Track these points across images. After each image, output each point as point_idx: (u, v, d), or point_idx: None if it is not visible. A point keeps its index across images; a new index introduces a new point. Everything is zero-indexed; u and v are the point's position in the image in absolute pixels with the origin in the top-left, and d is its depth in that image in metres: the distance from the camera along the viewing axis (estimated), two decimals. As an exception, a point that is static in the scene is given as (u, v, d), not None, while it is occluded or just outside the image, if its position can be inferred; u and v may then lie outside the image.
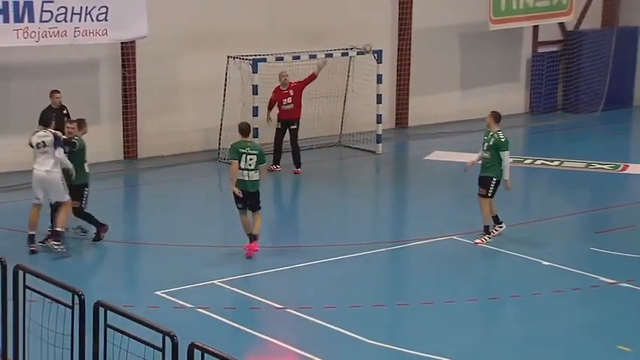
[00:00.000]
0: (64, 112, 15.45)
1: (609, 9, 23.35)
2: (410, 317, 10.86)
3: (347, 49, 18.82)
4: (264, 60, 17.72)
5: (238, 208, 12.58)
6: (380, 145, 19.07)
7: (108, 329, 7.08)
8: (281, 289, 11.79)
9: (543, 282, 11.86)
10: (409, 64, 21.07)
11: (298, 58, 18.10)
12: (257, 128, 17.69)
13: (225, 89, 18.16)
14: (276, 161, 17.70)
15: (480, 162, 13.32)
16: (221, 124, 18.38)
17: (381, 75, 18.91)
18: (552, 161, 18.21)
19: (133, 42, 17.59)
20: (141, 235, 13.85)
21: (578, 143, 20.10)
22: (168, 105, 18.53)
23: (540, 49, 22.93)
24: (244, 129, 12.51)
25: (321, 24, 19.55)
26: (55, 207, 12.61)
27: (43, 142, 12.37)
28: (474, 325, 10.71)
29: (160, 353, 6.61)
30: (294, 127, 17.49)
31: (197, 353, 6.31)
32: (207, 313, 10.73)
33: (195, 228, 14.13)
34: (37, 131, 12.50)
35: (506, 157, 13.02)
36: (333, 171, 18.31)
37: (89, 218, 13.03)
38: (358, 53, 18.81)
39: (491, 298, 11.35)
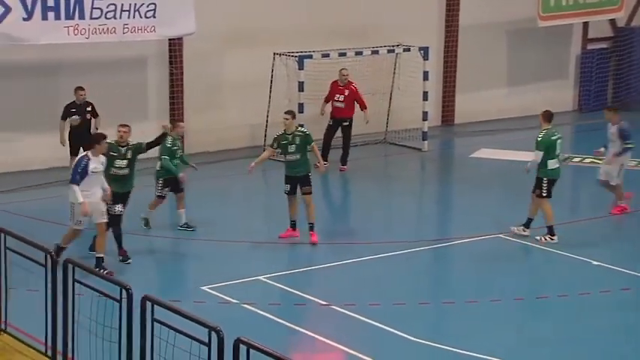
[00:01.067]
0: (89, 108, 15.66)
1: (661, 5, 22.99)
2: (455, 315, 10.82)
3: (393, 46, 18.78)
4: (310, 57, 17.76)
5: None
6: (426, 142, 19.00)
7: (155, 323, 7.17)
8: (326, 286, 11.82)
9: (592, 282, 11.73)
10: (456, 61, 20.95)
11: (344, 54, 18.11)
12: (302, 125, 17.72)
13: (271, 86, 18.24)
14: (324, 157, 17.76)
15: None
16: (267, 121, 18.48)
17: (427, 72, 18.83)
18: (601, 159, 17.94)
19: (180, 39, 17.74)
20: (189, 232, 13.94)
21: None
22: (214, 102, 18.67)
23: (590, 46, 22.63)
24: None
25: (366, 21, 19.53)
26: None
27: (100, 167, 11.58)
28: (519, 324, 10.63)
29: (206, 348, 6.68)
30: (347, 124, 17.52)
31: (242, 348, 6.37)
32: (253, 308, 10.80)
33: (241, 224, 14.22)
34: (89, 155, 11.49)
35: (535, 156, 13.04)
36: (379, 168, 18.29)
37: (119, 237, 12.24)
38: (404, 50, 18.77)
39: (538, 298, 11.26)
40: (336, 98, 17.53)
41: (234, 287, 11.49)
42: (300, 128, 13.23)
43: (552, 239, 12.98)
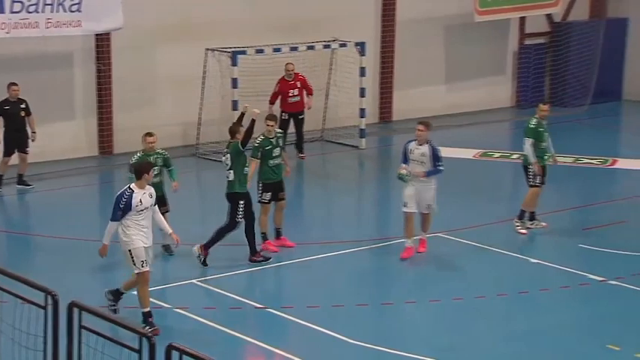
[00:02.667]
0: (22, 105, 15.39)
1: (597, 0, 23.46)
2: (394, 317, 10.87)
3: (329, 42, 18.81)
4: (244, 52, 17.68)
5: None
6: (363, 139, 19.08)
7: (83, 330, 7.03)
8: (262, 289, 11.78)
9: (531, 280, 11.91)
10: (393, 57, 21.08)
11: (279, 50, 18.08)
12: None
13: (203, 83, 18.11)
14: (300, 149, 17.95)
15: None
16: (199, 119, 18.34)
17: (364, 68, 18.91)
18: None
19: (107, 34, 17.50)
20: (118, 234, 13.71)
21: (566, 138, 20.13)
22: (144, 99, 18.45)
23: (527, 41, 22.99)
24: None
25: (302, 15, 19.52)
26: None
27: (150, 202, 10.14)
28: (459, 324, 10.74)
29: (137, 355, 6.57)
30: (302, 116, 17.86)
31: (175, 354, 6.28)
32: (186, 313, 10.70)
33: (174, 226, 14.04)
34: (137, 189, 10.02)
35: (526, 144, 13.39)
36: (316, 167, 18.30)
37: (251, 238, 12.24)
38: (341, 45, 18.83)
39: (477, 297, 11.38)
40: (290, 94, 17.62)
41: (167, 291, 11.37)
42: (278, 131, 12.98)
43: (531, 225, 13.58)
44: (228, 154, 12.14)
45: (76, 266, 12.34)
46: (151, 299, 11.00)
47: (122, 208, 9.95)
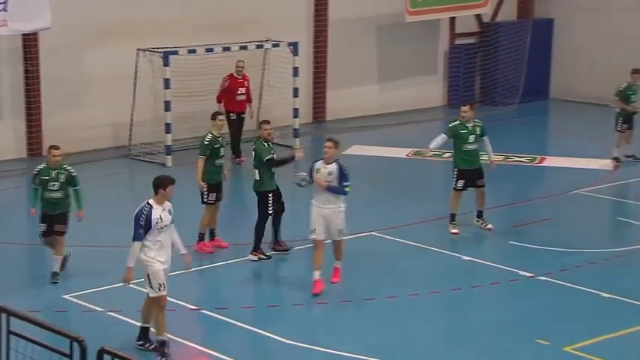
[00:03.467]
0: None
1: (524, 0, 23.89)
2: (329, 316, 10.90)
3: (262, 42, 18.78)
4: (176, 53, 17.55)
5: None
6: (297, 139, 19.09)
7: (11, 336, 6.89)
8: (196, 290, 11.69)
9: (463, 277, 12.06)
10: (326, 57, 21.15)
11: (212, 50, 17.99)
12: (169, 123, 17.53)
13: (135, 83, 17.92)
14: (238, 154, 17.71)
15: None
16: (131, 120, 18.14)
17: (297, 68, 18.93)
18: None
19: (35, 34, 17.19)
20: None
21: (496, 136, 20.37)
22: (75, 100, 18.18)
23: (457, 41, 23.29)
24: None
25: (235, 15, 19.46)
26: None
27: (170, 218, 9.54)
28: (393, 322, 10.81)
29: (68, 359, 6.47)
30: (244, 116, 17.76)
31: (107, 358, 6.20)
32: (119, 316, 10.57)
33: (106, 228, 13.89)
34: (155, 205, 9.37)
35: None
36: (250, 167, 18.20)
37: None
38: (273, 45, 18.82)
39: (411, 295, 11.47)
40: (239, 92, 17.54)
41: (100, 294, 11.21)
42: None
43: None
44: (254, 154, 12.28)
45: (3, 270, 12.08)
46: (84, 302, 10.86)
47: (143, 226, 9.26)
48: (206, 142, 12.44)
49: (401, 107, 22.16)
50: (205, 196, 12.52)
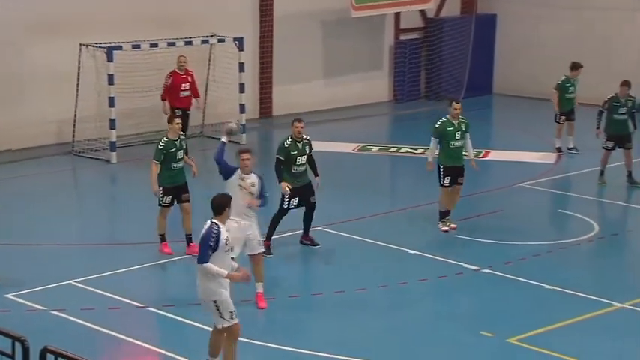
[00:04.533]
0: None
1: (468, -4, 24.14)
2: (277, 311, 10.88)
3: (207, 37, 18.67)
4: (120, 48, 17.35)
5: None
6: (244, 135, 19.01)
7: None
8: (142, 287, 11.58)
9: (410, 271, 12.13)
10: (272, 52, 21.10)
11: (156, 46, 17.84)
12: (114, 119, 17.34)
13: (78, 79, 17.68)
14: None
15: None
16: (75, 116, 17.90)
17: (242, 63, 18.85)
18: (417, 149, 18.64)
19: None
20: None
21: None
22: (17, 96, 17.86)
23: (402, 37, 23.42)
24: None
25: (180, 11, 19.30)
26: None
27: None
28: (341, 316, 10.84)
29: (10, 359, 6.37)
30: (189, 112, 17.49)
31: (50, 358, 6.11)
32: (63, 315, 10.43)
33: (49, 225, 13.70)
34: (221, 225, 8.70)
35: (431, 143, 13.54)
36: (198, 163, 18.09)
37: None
38: (219, 41, 18.72)
39: (358, 289, 11.51)
40: (182, 88, 17.35)
41: (43, 293, 11.04)
42: (181, 133, 12.48)
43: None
44: None
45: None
46: (26, 302, 10.70)
47: (212, 247, 8.53)
48: (160, 147, 12.07)
49: (347, 102, 22.22)
50: (160, 199, 12.28)
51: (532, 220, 14.30)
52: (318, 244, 12.74)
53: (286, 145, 12.48)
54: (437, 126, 13.47)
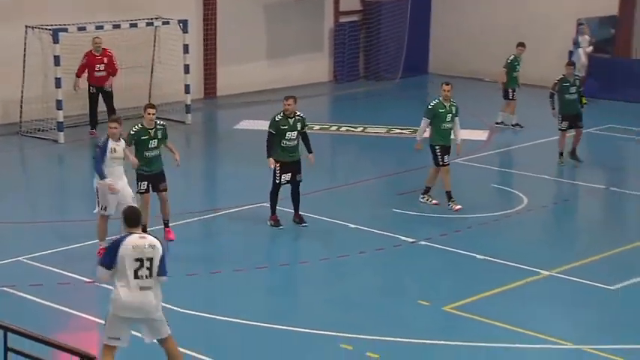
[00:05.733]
0: None
1: (404, -20, 24.18)
2: (223, 284, 10.86)
3: (152, 19, 18.42)
4: (66, 30, 17.02)
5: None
6: (189, 115, 18.86)
7: None
8: (90, 263, 11.41)
9: (350, 244, 12.17)
10: (215, 34, 20.91)
11: (102, 28, 17.54)
12: (61, 100, 17.03)
13: (24, 60, 17.30)
14: (93, 126, 17.33)
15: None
16: (22, 97, 17.54)
17: (187, 45, 18.65)
18: (356, 127, 18.70)
19: None
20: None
21: (379, 110, 20.72)
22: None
23: (342, 19, 23.41)
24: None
25: (125, -7, 18.98)
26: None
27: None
28: (285, 289, 10.85)
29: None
30: (110, 90, 17.22)
31: None
32: (12, 291, 10.26)
33: (-2, 205, 13.43)
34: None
35: (421, 123, 13.52)
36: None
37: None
38: (163, 23, 18.49)
39: (302, 262, 11.53)
40: (97, 69, 17.10)
41: (-8, 270, 10.84)
42: (159, 123, 11.95)
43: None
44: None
45: None
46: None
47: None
48: (131, 132, 11.67)
49: (289, 83, 22.11)
50: (137, 186, 12.00)
51: (466, 195, 14.45)
52: (305, 223, 12.59)
53: (277, 119, 12.48)
54: (430, 107, 13.44)
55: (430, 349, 9.29)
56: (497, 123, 18.64)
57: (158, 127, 11.88)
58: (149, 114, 11.76)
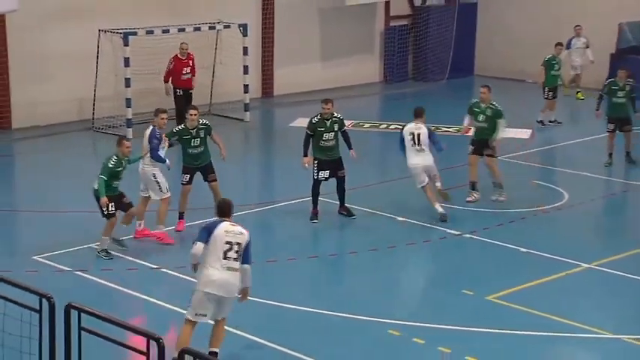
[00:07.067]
0: None
1: (453, -14, 24.00)
2: (278, 273, 10.93)
3: (214, 23, 18.59)
4: (135, 34, 17.26)
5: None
6: (248, 113, 18.99)
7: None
8: (155, 251, 11.60)
9: (397, 236, 12.14)
10: (273, 37, 21.01)
11: (168, 31, 17.76)
12: (130, 99, 17.29)
13: (97, 61, 17.61)
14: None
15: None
16: (94, 95, 17.86)
17: (246, 47, 18.78)
18: (405, 125, 18.56)
19: (2, 15, 16.74)
20: (18, 203, 13.29)
21: (427, 109, 20.55)
22: (41, 77, 17.79)
23: (392, 23, 23.34)
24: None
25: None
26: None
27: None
28: (336, 277, 10.88)
29: (38, 315, 6.39)
30: (191, 92, 17.50)
31: (74, 313, 6.14)
32: (86, 275, 10.47)
33: (71, 194, 13.69)
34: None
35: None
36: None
37: None
38: (225, 27, 18.67)
39: (351, 252, 11.55)
40: (183, 72, 17.32)
41: (67, 255, 11.09)
42: (201, 122, 12.12)
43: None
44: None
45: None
46: (53, 263, 10.73)
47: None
48: (174, 131, 11.98)
49: (342, 83, 22.15)
50: (181, 177, 12.13)
51: (509, 190, 14.29)
52: (354, 215, 12.64)
53: (314, 122, 12.55)
54: (469, 104, 13.80)
55: (473, 336, 9.24)
56: (537, 121, 18.43)
57: (200, 126, 12.03)
58: (191, 115, 11.96)
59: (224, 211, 8.40)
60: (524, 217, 12.95)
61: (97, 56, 17.58)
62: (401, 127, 13.58)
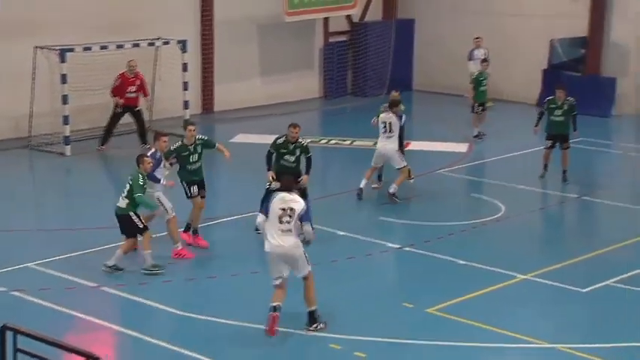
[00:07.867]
0: None
1: (389, 3, 24.28)
2: (219, 288, 10.86)
3: (153, 40, 18.46)
4: (72, 50, 17.04)
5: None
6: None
7: None
8: (96, 269, 11.42)
9: (339, 250, 12.19)
10: (213, 53, 20.95)
11: (106, 48, 17.57)
12: (67, 115, 17.05)
13: (33, 78, 17.31)
14: (104, 143, 17.32)
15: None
16: (31, 112, 17.54)
17: (186, 63, 18.69)
18: (345, 140, 18.74)
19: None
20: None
21: (366, 124, 20.74)
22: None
23: (331, 39, 23.50)
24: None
25: (127, 15, 19.02)
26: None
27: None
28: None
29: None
30: (139, 109, 17.41)
31: (9, 334, 6.01)
32: (22, 295, 10.24)
33: (8, 213, 13.40)
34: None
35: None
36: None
37: None
38: (164, 43, 18.55)
39: (293, 267, 11.51)
40: (129, 90, 17.18)
41: (3, 276, 10.81)
42: (199, 137, 12.12)
43: None
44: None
45: None
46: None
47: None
48: (172, 149, 11.83)
49: (282, 99, 22.21)
50: (187, 191, 12.16)
51: (447, 204, 14.51)
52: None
53: (278, 142, 12.50)
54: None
55: (414, 348, 9.32)
56: (474, 136, 18.74)
57: (197, 142, 12.03)
58: (190, 130, 11.92)
59: (285, 186, 9.62)
60: (463, 229, 13.13)
61: (33, 73, 17.28)
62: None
